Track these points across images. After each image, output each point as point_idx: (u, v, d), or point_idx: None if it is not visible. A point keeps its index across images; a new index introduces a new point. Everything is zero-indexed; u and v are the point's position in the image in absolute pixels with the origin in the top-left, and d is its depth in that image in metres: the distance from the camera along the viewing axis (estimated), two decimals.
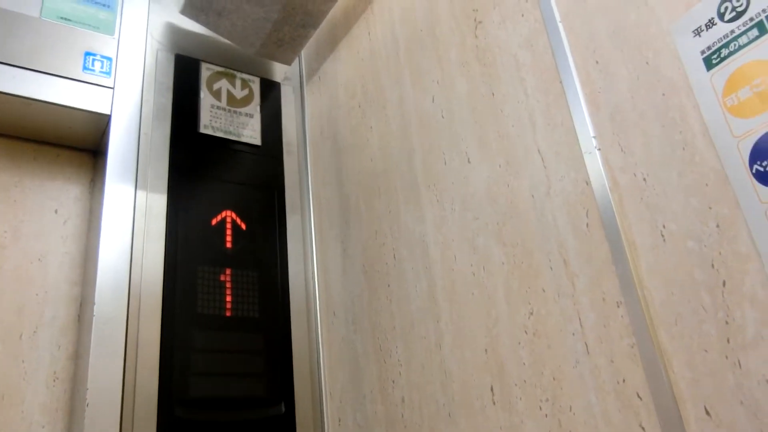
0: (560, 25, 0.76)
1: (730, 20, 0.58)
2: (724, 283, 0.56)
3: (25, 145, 1.18)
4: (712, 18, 0.60)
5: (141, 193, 1.09)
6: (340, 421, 1.07)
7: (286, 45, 1.31)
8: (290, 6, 1.21)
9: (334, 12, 1.34)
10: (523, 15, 0.82)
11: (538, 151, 0.77)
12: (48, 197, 1.16)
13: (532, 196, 0.76)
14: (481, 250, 0.82)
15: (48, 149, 1.20)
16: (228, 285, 1.11)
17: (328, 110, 1.30)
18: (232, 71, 1.31)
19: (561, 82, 0.75)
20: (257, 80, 1.34)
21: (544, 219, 0.74)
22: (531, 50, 0.80)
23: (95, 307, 0.97)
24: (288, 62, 1.35)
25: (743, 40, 0.57)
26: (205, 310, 1.07)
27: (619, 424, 0.62)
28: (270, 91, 1.35)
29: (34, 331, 1.05)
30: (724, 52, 0.58)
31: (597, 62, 0.71)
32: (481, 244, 0.83)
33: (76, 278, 1.12)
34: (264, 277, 1.15)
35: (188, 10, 1.22)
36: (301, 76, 1.43)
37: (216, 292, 1.09)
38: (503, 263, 0.79)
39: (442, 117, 0.95)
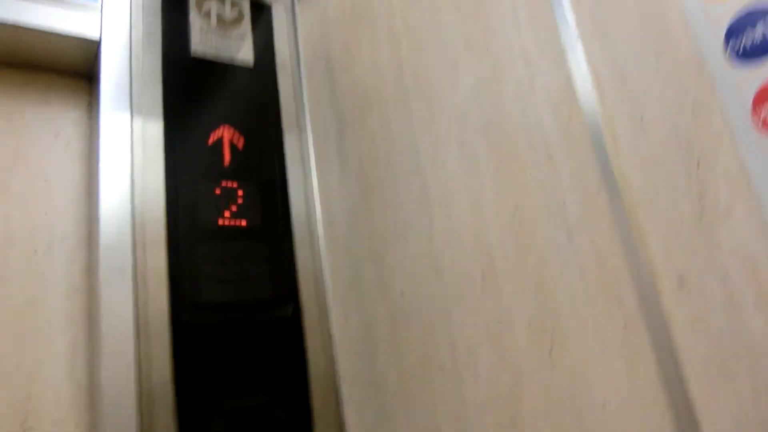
0: None
1: None
2: (698, 163, 0.60)
3: (19, 74, 1.19)
4: None
5: (137, 117, 1.11)
6: (346, 320, 1.13)
7: None
8: None
9: None
10: None
11: (522, 49, 0.79)
12: (47, 122, 1.18)
13: (515, 93, 0.79)
14: (468, 150, 0.86)
15: (42, 76, 1.21)
16: (229, 197, 1.15)
17: (320, 29, 1.30)
18: None
19: None
20: (247, 2, 1.33)
21: (528, 116, 0.77)
22: None
23: (100, 225, 1.01)
24: None
25: None
26: (208, 222, 1.11)
27: (600, 301, 0.68)
28: (260, 12, 1.34)
29: (48, 247, 1.10)
30: None
31: None
32: (468, 144, 0.86)
33: (81, 198, 1.16)
34: (263, 190, 1.19)
35: None
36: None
37: (217, 205, 1.13)
38: (490, 160, 0.83)
39: (431, 27, 0.96)
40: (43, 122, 1.17)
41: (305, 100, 1.32)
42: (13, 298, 1.04)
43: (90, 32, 1.13)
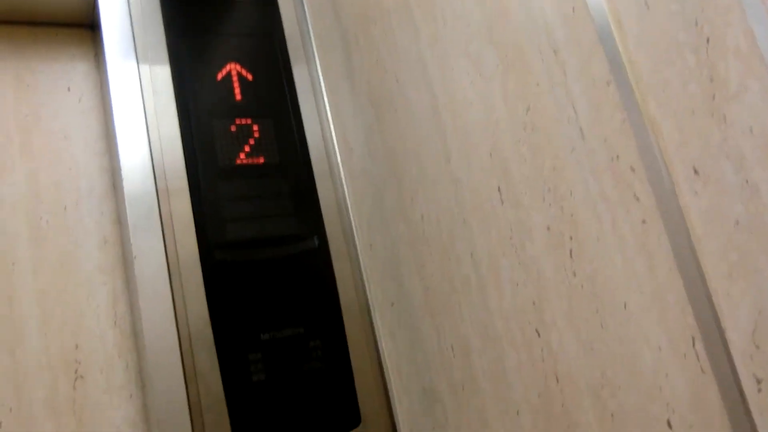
0: None
1: None
2: (708, 40, 0.55)
3: (23, 29, 1.18)
4: None
5: (143, 63, 1.10)
6: (371, 246, 1.14)
7: None
8: None
9: None
10: None
11: None
12: (58, 77, 1.19)
13: None
14: (474, 56, 0.82)
15: (45, 29, 1.20)
16: (244, 135, 1.14)
17: None
18: None
19: None
20: None
21: (531, 11, 0.72)
22: None
23: (123, 177, 1.02)
24: None
25: None
26: (226, 162, 1.12)
27: (616, 199, 0.65)
28: None
29: (76, 202, 1.12)
30: None
31: None
32: (474, 51, 0.82)
33: (102, 150, 1.17)
34: (278, 124, 1.18)
35: None
36: None
37: (234, 143, 1.13)
38: (497, 65, 0.78)
39: None
40: (53, 77, 1.18)
41: (310, 26, 1.28)
42: (49, 255, 1.08)
43: None
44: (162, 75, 1.12)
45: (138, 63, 1.11)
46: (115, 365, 1.07)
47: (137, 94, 1.09)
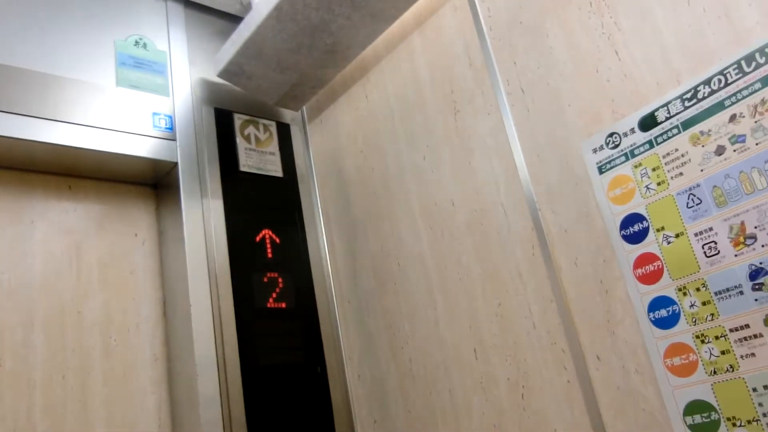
0: (514, 129, 1.23)
1: (611, 148, 1.08)
2: (607, 292, 1.07)
3: (107, 185, 1.53)
4: (602, 145, 1.09)
5: (208, 220, 1.49)
6: (359, 377, 1.54)
7: (297, 98, 1.71)
8: (305, 74, 1.61)
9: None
10: (489, 114, 1.29)
11: (501, 204, 1.25)
12: (128, 224, 1.53)
13: (498, 233, 1.25)
14: (464, 265, 1.31)
15: (123, 186, 1.55)
16: (272, 285, 1.54)
17: (331, 150, 1.73)
18: (255, 118, 1.70)
19: (515, 162, 1.23)
20: (274, 124, 1.74)
21: (506, 248, 1.23)
22: (495, 139, 1.27)
23: (192, 316, 1.37)
24: (296, 110, 1.76)
25: (618, 161, 1.07)
26: (260, 304, 1.49)
27: (552, 367, 1.13)
28: (284, 131, 1.75)
29: (137, 326, 1.44)
30: (608, 166, 1.08)
31: (538, 155, 1.19)
32: (464, 262, 1.31)
33: (158, 286, 1.51)
34: (295, 278, 1.58)
35: (225, 75, 1.59)
36: (303, 119, 1.84)
37: (265, 291, 1.52)
38: (480, 273, 1.27)
39: (432, 172, 1.41)
40: (125, 224, 1.52)
41: (319, 205, 1.73)
42: (116, 369, 1.38)
43: (170, 156, 1.49)
44: (220, 228, 1.50)
45: (203, 218, 1.48)
46: None
47: (202, 242, 1.46)
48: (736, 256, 0.90)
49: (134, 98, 1.50)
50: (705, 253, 0.94)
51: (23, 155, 1.38)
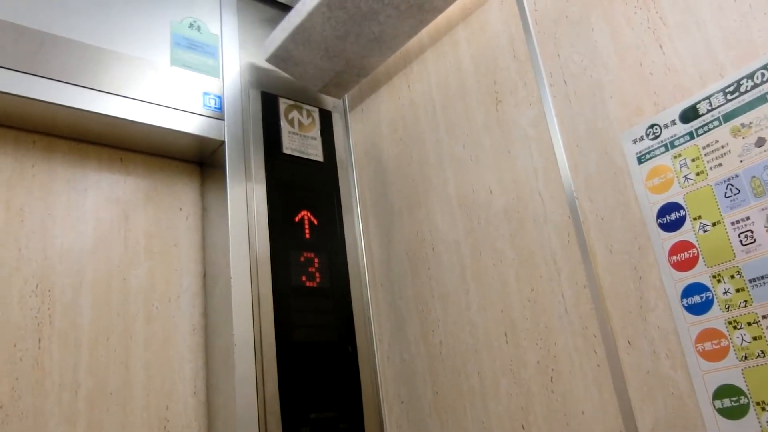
0: (555, 119, 1.26)
1: (652, 139, 1.10)
2: (640, 278, 1.09)
3: (155, 160, 1.59)
4: (642, 136, 1.12)
5: (251, 199, 1.54)
6: (388, 359, 1.57)
7: (340, 86, 1.76)
8: (350, 62, 1.66)
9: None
10: (530, 104, 1.33)
11: (539, 192, 1.28)
12: (174, 199, 1.59)
13: (534, 221, 1.28)
14: (499, 251, 1.34)
15: (171, 162, 1.62)
16: (308, 264, 1.58)
17: (371, 137, 1.77)
18: (299, 104, 1.75)
19: (554, 152, 1.26)
20: (316, 110, 1.79)
21: (542, 235, 1.26)
22: (535, 129, 1.31)
23: (232, 286, 1.42)
24: (339, 97, 1.81)
25: (658, 152, 1.09)
26: (297, 282, 1.54)
27: (583, 351, 1.16)
28: (326, 118, 1.80)
29: (178, 296, 1.49)
30: (648, 156, 1.10)
31: (578, 146, 1.22)
32: (499, 248, 1.34)
33: (199, 258, 1.56)
34: (331, 259, 1.63)
35: (273, 60, 1.65)
36: (345, 107, 1.89)
37: (302, 269, 1.56)
38: (514, 259, 1.31)
39: (471, 160, 1.45)
40: (171, 199, 1.58)
41: (357, 190, 1.78)
42: (157, 335, 1.43)
43: (218, 135, 1.55)
44: (261, 209, 1.55)
45: (246, 199, 1.54)
46: (192, 425, 1.40)
47: (244, 220, 1.51)
48: None
49: (186, 77, 1.56)
50: (741, 241, 0.96)
51: (80, 126, 1.45)
